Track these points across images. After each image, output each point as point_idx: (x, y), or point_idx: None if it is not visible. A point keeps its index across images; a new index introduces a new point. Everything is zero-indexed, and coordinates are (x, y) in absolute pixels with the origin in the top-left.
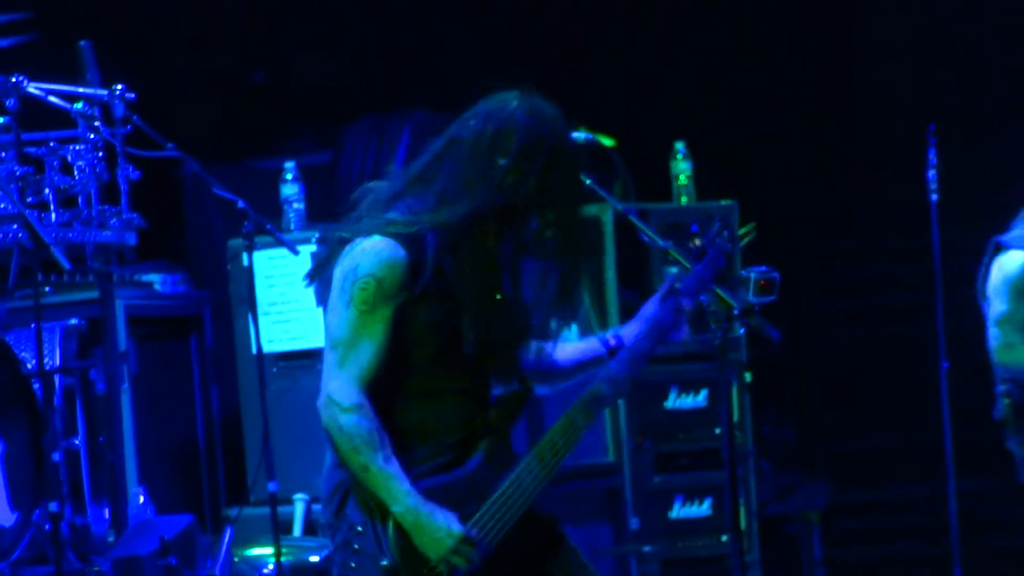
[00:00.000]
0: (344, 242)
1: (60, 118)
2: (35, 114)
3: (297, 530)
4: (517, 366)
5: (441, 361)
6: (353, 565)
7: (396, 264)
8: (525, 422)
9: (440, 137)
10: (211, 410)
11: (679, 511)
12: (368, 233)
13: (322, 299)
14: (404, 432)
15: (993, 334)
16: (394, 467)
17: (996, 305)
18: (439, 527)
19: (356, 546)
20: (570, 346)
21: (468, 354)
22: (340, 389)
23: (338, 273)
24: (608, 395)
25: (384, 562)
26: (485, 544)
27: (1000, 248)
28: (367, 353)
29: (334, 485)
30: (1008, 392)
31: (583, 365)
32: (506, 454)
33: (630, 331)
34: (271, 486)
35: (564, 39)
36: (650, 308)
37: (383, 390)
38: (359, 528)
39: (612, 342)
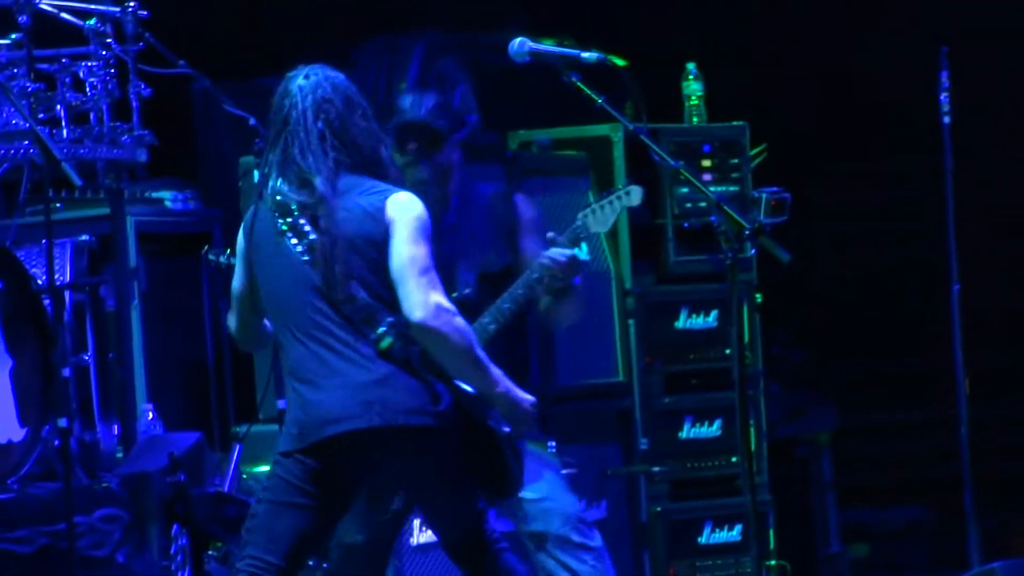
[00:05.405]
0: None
1: (72, 35)
2: (47, 30)
3: None
4: None
5: None
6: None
7: None
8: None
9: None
10: (220, 327)
11: (689, 432)
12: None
13: None
14: None
15: None
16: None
17: None
18: (524, 399)
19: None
20: None
21: None
22: (444, 300)
23: (403, 214)
24: None
25: (506, 430)
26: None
27: None
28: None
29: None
30: None
31: None
32: None
33: None
34: (280, 403)
35: None
36: None
37: None
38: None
39: None
